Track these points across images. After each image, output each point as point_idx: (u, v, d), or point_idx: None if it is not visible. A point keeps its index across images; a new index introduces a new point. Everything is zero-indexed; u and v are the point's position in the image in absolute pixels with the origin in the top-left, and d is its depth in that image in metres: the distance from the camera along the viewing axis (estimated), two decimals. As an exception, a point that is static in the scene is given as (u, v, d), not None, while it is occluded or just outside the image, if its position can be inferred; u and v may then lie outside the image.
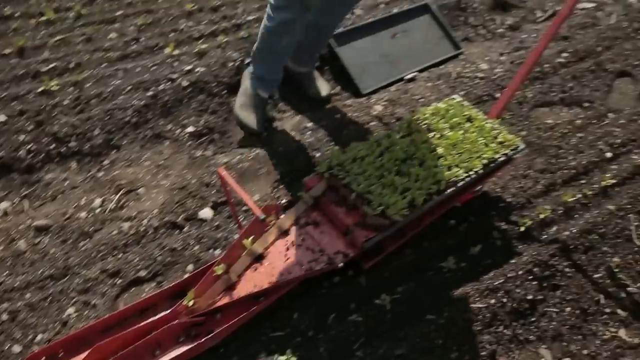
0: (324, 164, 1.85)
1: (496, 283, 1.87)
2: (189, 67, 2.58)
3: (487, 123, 1.98)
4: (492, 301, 1.83)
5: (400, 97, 2.61)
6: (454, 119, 1.99)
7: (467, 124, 1.98)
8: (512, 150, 1.92)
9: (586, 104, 2.70)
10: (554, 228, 2.08)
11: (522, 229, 2.05)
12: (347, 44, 2.82)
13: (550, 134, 2.50)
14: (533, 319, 1.84)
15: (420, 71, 2.85)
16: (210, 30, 2.82)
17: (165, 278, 1.89)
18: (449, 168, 1.83)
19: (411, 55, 2.90)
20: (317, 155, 2.28)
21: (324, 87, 2.63)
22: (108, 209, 2.07)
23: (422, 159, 1.85)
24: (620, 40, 3.13)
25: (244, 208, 2.08)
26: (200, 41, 2.75)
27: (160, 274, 1.90)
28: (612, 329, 1.86)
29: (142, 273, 1.89)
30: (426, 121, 2.00)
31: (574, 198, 2.19)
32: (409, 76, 2.78)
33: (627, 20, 3.29)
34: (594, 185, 2.26)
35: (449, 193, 1.80)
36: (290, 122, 2.52)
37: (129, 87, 2.47)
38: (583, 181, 2.29)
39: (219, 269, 1.70)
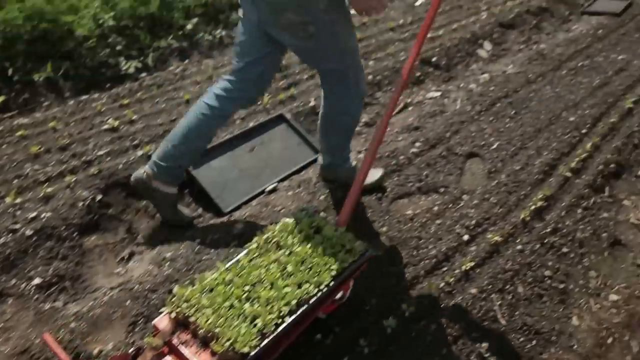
0: (170, 302, 1.77)
1: (367, 396, 1.81)
2: (33, 214, 2.44)
3: (334, 232, 1.99)
4: (365, 417, 1.75)
5: (262, 211, 2.60)
6: (302, 233, 1.99)
7: (316, 236, 1.98)
8: (359, 256, 1.92)
9: (442, 189, 2.82)
10: (422, 323, 2.08)
11: (389, 330, 2.02)
12: (204, 164, 2.81)
13: (411, 225, 2.56)
14: None
15: (282, 180, 2.88)
16: (59, 171, 2.72)
17: None
18: (300, 285, 1.80)
19: (271, 166, 2.94)
20: (175, 288, 2.18)
21: (184, 211, 2.58)
22: None
23: (272, 280, 1.81)
24: (466, 123, 3.36)
25: (97, 361, 1.92)
26: (47, 184, 2.64)
27: None
28: (490, 421, 1.83)
29: None
30: (275, 239, 1.99)
31: (438, 288, 2.21)
32: (270, 187, 2.80)
33: (470, 104, 3.57)
34: (456, 271, 2.30)
35: (301, 313, 1.75)
36: (148, 255, 2.42)
37: (-38, 248, 2.29)
38: (445, 268, 2.33)
39: None
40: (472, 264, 2.33)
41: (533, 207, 2.64)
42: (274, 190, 2.79)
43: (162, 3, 4.32)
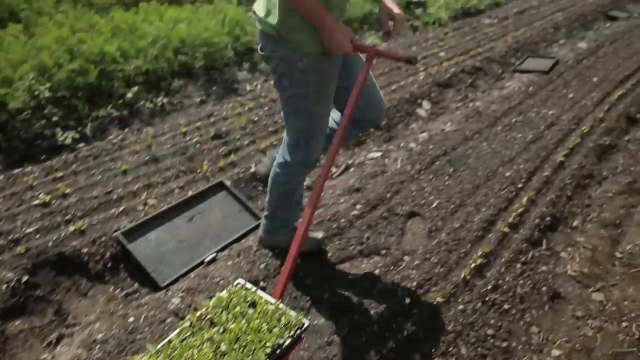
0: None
1: None
2: (-49, 302, 2.30)
3: (270, 305, 1.94)
4: None
5: (200, 283, 2.52)
6: (237, 309, 1.92)
7: (250, 311, 1.92)
8: (296, 329, 1.87)
9: (383, 251, 2.80)
10: (364, 395, 2.02)
11: (330, 406, 1.95)
12: (140, 237, 2.74)
13: (353, 291, 2.52)
14: None
15: (222, 250, 2.81)
16: (-18, 252, 2.60)
17: None
18: (232, 366, 1.73)
19: (211, 236, 2.88)
20: (104, 374, 2.06)
21: None
22: None
23: (203, 361, 1.73)
24: (406, 182, 3.40)
25: None
26: (-33, 268, 2.50)
27: None
28: None
29: None
30: (209, 316, 1.91)
31: (379, 356, 2.16)
32: (209, 258, 2.73)
33: (410, 163, 3.62)
34: (398, 336, 2.27)
35: (234, 396, 1.67)
36: (78, 337, 2.29)
37: None
38: (387, 334, 2.29)
39: None
40: (414, 328, 2.30)
41: (473, 265, 2.66)
42: (213, 260, 2.72)
43: (101, 72, 4.30)
